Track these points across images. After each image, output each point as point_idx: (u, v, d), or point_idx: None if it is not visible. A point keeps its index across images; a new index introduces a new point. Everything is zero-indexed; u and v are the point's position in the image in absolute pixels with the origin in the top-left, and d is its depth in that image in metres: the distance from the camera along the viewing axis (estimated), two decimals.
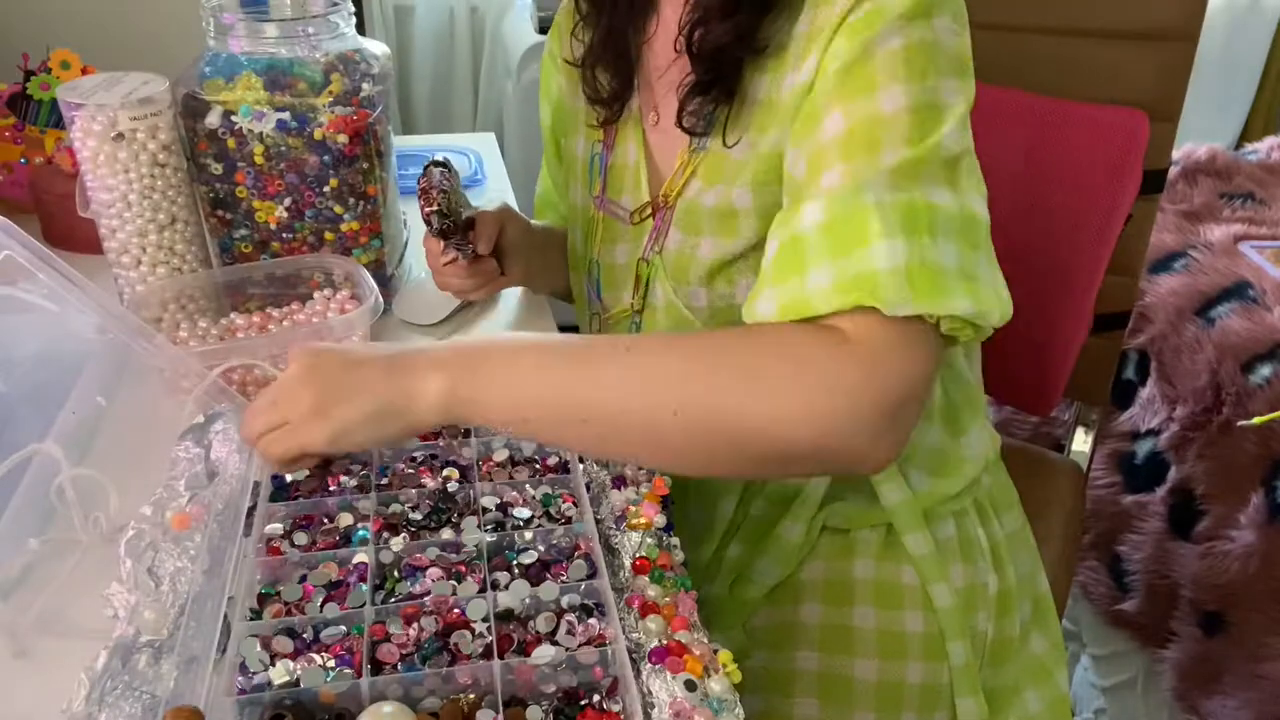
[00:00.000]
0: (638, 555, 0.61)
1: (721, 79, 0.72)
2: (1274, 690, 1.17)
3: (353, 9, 0.93)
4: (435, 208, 0.84)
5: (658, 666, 0.54)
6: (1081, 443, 1.29)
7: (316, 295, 0.91)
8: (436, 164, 0.89)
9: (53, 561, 0.67)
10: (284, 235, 0.93)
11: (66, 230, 1.07)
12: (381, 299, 0.86)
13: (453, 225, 0.86)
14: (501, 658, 0.54)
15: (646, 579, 0.60)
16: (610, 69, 0.82)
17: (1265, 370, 1.22)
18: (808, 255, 0.59)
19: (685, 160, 0.78)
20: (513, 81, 2.19)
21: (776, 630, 0.83)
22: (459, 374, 0.60)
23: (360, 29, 0.95)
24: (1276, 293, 1.31)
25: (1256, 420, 1.17)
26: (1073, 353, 1.14)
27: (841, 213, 0.59)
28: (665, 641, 0.55)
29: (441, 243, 0.88)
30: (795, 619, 0.82)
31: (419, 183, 0.87)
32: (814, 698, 0.80)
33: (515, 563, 0.61)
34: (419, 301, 1.02)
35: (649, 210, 0.82)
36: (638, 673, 0.54)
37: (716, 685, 0.53)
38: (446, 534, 0.63)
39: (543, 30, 2.17)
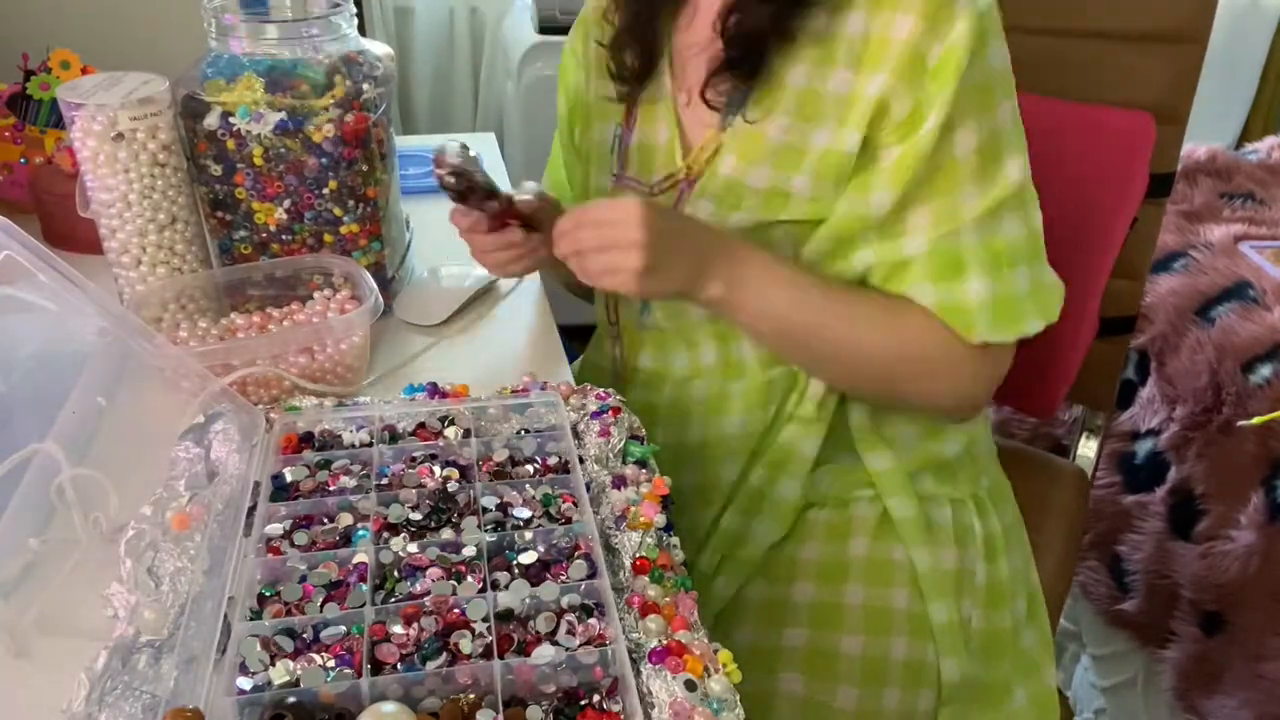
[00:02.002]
0: (638, 555, 0.61)
1: (747, 60, 0.76)
2: (1274, 690, 1.17)
3: (355, 10, 0.93)
4: (447, 169, 0.81)
5: (658, 666, 0.54)
6: (1085, 447, 1.29)
7: (316, 295, 0.91)
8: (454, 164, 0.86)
9: (53, 561, 0.67)
10: (283, 237, 0.93)
11: (66, 230, 1.07)
12: (381, 299, 0.86)
13: (470, 187, 0.82)
14: (501, 658, 0.54)
15: (646, 579, 0.60)
16: (638, 48, 0.85)
17: (1265, 370, 1.22)
18: (911, 273, 0.76)
19: (713, 135, 0.81)
20: (513, 81, 2.19)
21: (767, 607, 0.84)
22: (733, 292, 0.76)
23: (360, 29, 0.95)
24: (1276, 293, 1.31)
25: (1256, 420, 1.17)
26: (1077, 357, 1.14)
27: (940, 249, 0.75)
28: (665, 641, 0.55)
29: (464, 209, 0.85)
30: (787, 597, 0.84)
31: (433, 156, 0.85)
32: (799, 673, 0.81)
33: (515, 563, 0.61)
34: (420, 302, 1.02)
35: (671, 181, 0.84)
36: (638, 673, 0.54)
37: (716, 685, 0.53)
38: (446, 534, 0.63)
39: (543, 30, 2.17)
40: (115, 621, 0.56)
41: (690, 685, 0.52)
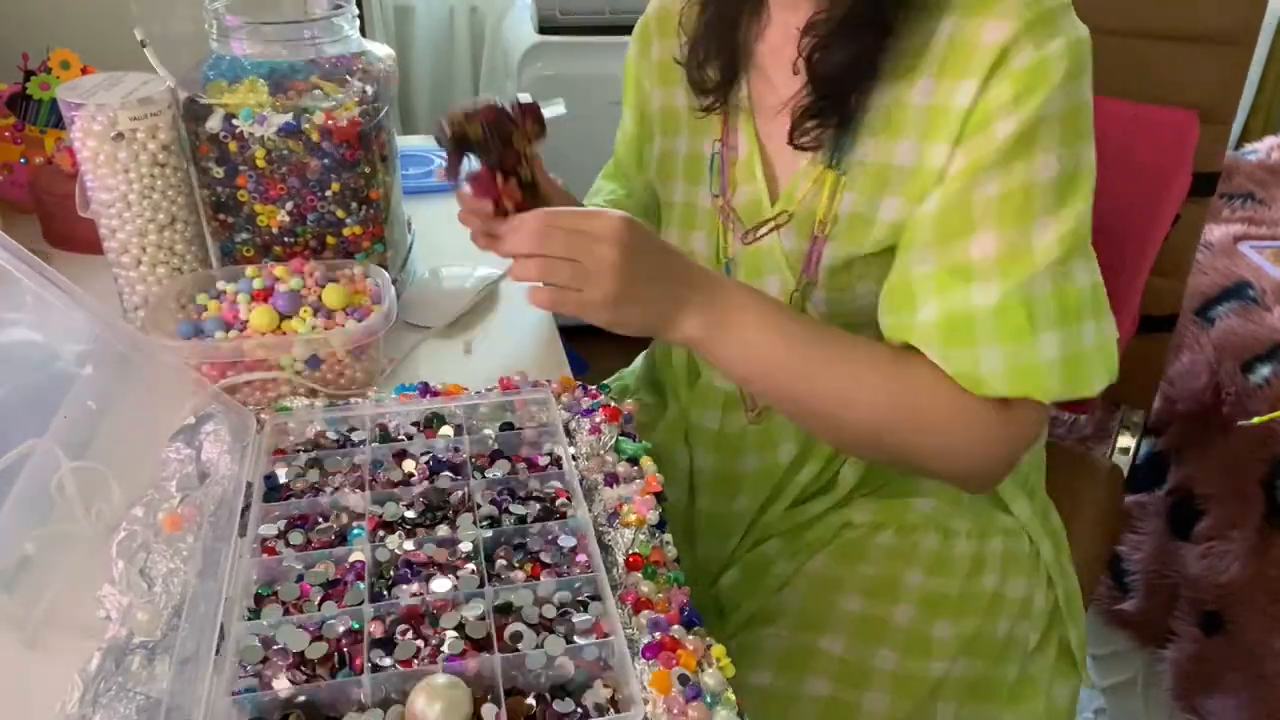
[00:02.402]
0: (630, 552, 0.62)
1: (837, 102, 0.72)
2: (1274, 690, 1.17)
3: (356, 11, 0.93)
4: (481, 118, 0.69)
5: (651, 662, 0.54)
6: (1123, 444, 1.28)
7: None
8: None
9: (54, 556, 0.67)
10: (286, 239, 0.93)
11: (66, 230, 1.07)
12: (396, 306, 0.86)
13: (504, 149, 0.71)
14: (501, 652, 0.54)
15: (639, 575, 0.60)
16: (717, 58, 0.80)
17: (1265, 370, 1.22)
18: (978, 333, 0.68)
19: (819, 175, 0.76)
20: (513, 81, 2.19)
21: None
22: (711, 332, 0.69)
23: (360, 29, 0.95)
24: (1276, 293, 1.31)
25: (1256, 420, 1.17)
26: None
27: (1010, 303, 0.67)
28: (659, 637, 0.55)
29: (499, 176, 0.72)
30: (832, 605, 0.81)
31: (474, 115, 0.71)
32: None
33: (512, 558, 0.61)
34: (424, 304, 1.02)
35: (769, 226, 0.80)
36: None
37: (710, 679, 0.53)
38: (442, 531, 0.63)
39: (543, 30, 2.17)
40: (109, 622, 0.56)
41: (684, 680, 0.53)
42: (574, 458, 0.70)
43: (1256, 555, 1.18)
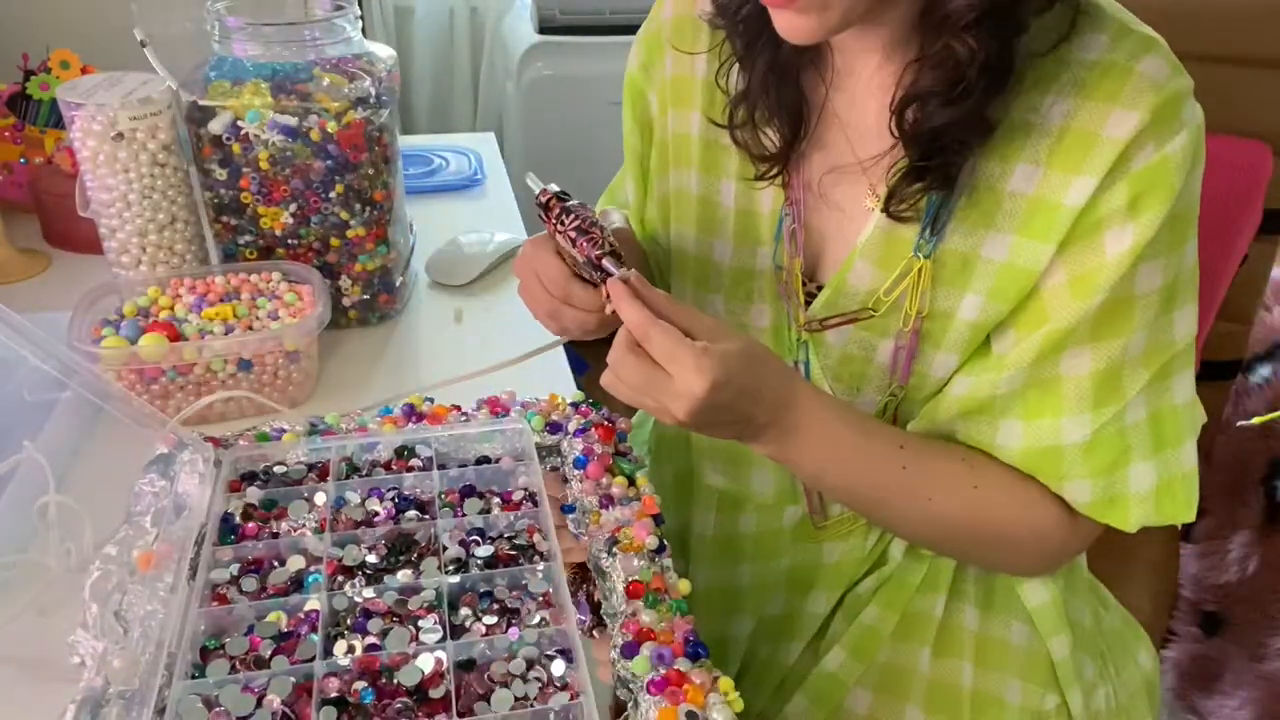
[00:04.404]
0: (630, 579, 0.57)
1: (941, 165, 0.61)
2: (1274, 690, 1.18)
3: (359, 12, 0.93)
4: (608, 249, 0.63)
5: (657, 698, 0.50)
6: None
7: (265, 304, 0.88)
8: (559, 196, 0.67)
9: (25, 594, 0.63)
10: (289, 241, 0.92)
11: (66, 230, 1.07)
12: (328, 310, 0.85)
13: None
14: (461, 714, 0.50)
15: (640, 604, 0.56)
16: (778, 115, 0.67)
17: (1265, 370, 1.22)
18: (1066, 467, 0.65)
19: (910, 265, 0.65)
20: (513, 81, 2.19)
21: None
22: (783, 451, 0.65)
23: (360, 29, 0.95)
24: (1277, 293, 1.31)
25: (1256, 420, 1.17)
26: None
27: (1102, 438, 0.64)
28: (664, 671, 0.52)
29: (598, 284, 0.65)
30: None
31: (567, 220, 0.65)
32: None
33: (477, 606, 0.57)
34: (449, 265, 1.10)
35: (846, 319, 0.69)
36: (635, 704, 0.51)
37: (719, 716, 0.50)
38: (406, 576, 0.59)
39: (543, 30, 2.17)
40: (83, 669, 0.51)
41: (691, 716, 0.50)
42: (566, 480, 0.66)
43: (1256, 555, 1.18)
